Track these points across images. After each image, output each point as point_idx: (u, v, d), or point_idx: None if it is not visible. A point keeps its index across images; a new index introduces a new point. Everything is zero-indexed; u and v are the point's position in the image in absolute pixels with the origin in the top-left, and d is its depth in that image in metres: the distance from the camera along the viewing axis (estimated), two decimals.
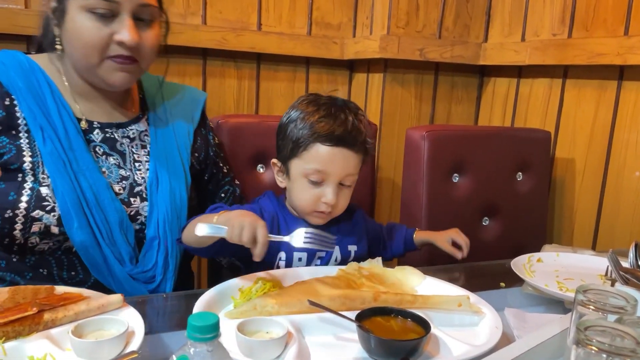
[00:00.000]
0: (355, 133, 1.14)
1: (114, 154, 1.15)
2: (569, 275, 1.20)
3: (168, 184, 1.17)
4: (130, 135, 1.19)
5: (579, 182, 1.84)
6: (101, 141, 1.15)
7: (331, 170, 1.13)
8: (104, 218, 1.08)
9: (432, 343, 0.86)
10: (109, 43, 1.04)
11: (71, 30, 1.04)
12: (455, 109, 2.17)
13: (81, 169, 1.08)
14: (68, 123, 1.10)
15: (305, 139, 1.14)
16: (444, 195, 1.64)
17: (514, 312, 1.02)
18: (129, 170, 1.16)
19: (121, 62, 1.06)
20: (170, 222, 1.15)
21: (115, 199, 1.10)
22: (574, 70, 1.83)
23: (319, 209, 1.17)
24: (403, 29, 1.95)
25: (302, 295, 0.94)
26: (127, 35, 1.03)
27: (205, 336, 0.60)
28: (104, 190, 1.09)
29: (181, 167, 1.21)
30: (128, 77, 1.10)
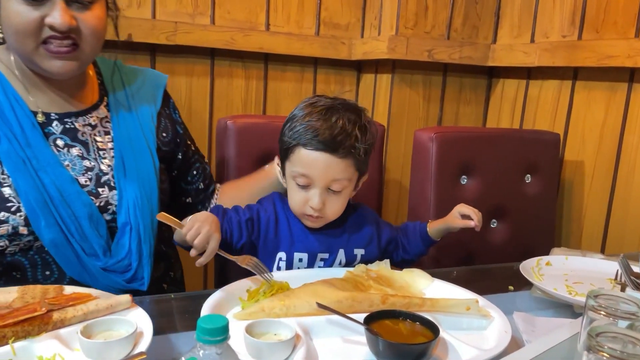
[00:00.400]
0: (341, 138, 1.10)
1: (77, 145, 1.11)
2: (578, 279, 1.19)
3: (135, 168, 1.14)
4: (91, 123, 1.15)
5: (588, 185, 1.82)
6: (61, 133, 1.10)
7: (314, 175, 1.11)
8: (71, 213, 1.05)
9: (441, 347, 0.86)
10: (41, 27, 0.99)
11: (4, 17, 1.00)
12: (463, 111, 2.16)
13: (42, 165, 1.04)
14: (23, 118, 1.05)
15: (291, 142, 1.13)
16: (452, 197, 1.63)
17: (523, 316, 1.01)
18: (93, 160, 1.12)
19: (57, 48, 1.00)
20: (141, 207, 1.12)
21: (81, 192, 1.07)
22: (583, 72, 1.82)
23: (307, 212, 1.15)
24: (411, 30, 1.95)
25: (310, 297, 0.94)
26: (58, 18, 0.97)
27: (215, 339, 0.60)
28: (69, 184, 1.06)
29: (147, 150, 1.17)
30: (69, 65, 1.04)
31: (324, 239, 1.21)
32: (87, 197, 1.08)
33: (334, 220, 1.23)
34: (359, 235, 1.24)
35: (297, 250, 1.19)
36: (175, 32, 1.76)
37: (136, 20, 1.71)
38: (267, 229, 1.20)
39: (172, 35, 1.76)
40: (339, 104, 1.15)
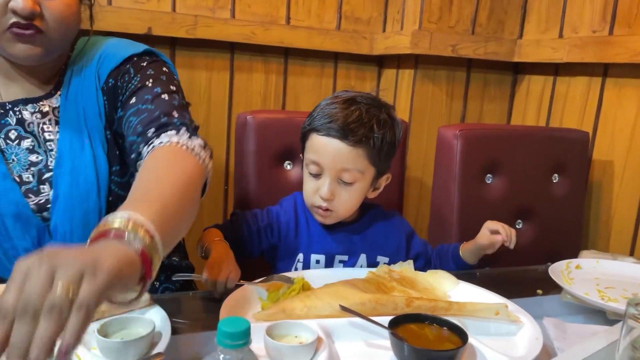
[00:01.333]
0: (354, 125, 1.07)
1: (29, 136, 1.04)
2: (610, 283, 1.15)
3: (70, 164, 1.03)
4: (42, 110, 1.05)
5: (618, 186, 1.76)
6: (16, 124, 1.04)
7: (324, 161, 1.09)
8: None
9: (468, 353, 0.82)
10: (5, 12, 0.94)
11: None
12: (487, 107, 2.11)
13: None
14: None
15: (306, 129, 1.13)
16: (477, 197, 1.59)
17: (554, 322, 0.97)
18: (43, 153, 1.04)
19: (19, 32, 0.95)
20: (71, 208, 1.01)
21: (12, 189, 1.00)
22: (614, 68, 1.75)
23: (316, 203, 1.13)
24: (435, 24, 1.90)
25: (332, 298, 0.91)
26: (20, 2, 0.92)
27: (236, 343, 0.57)
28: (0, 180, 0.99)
29: (88, 143, 1.05)
30: (33, 50, 0.97)
31: (343, 240, 1.18)
32: (17, 195, 1.00)
33: (355, 222, 1.20)
34: (384, 242, 1.20)
35: (314, 251, 1.17)
36: (195, 25, 1.74)
37: (156, 13, 1.69)
38: (287, 232, 1.18)
39: (192, 29, 1.74)
40: (363, 97, 1.13)
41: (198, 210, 0.91)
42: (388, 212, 1.26)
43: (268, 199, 1.37)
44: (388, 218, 1.24)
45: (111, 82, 1.08)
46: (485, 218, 1.58)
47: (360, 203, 1.17)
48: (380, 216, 1.23)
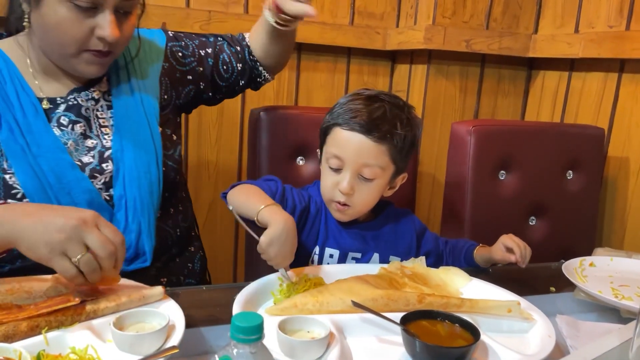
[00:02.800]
0: (378, 122, 1.08)
1: (80, 120, 1.10)
2: (624, 281, 1.14)
3: (131, 140, 1.11)
4: (94, 97, 1.13)
5: (633, 183, 1.74)
6: (65, 110, 1.09)
7: (346, 156, 1.09)
8: (70, 201, 1.03)
9: (480, 350, 0.82)
10: (89, 37, 1.00)
11: (48, 18, 0.99)
12: (501, 103, 2.09)
13: (42, 152, 1.03)
14: (27, 104, 1.05)
15: (329, 123, 1.13)
16: (490, 193, 1.58)
17: (567, 320, 0.96)
18: (95, 137, 1.11)
19: (99, 57, 1.03)
20: (137, 178, 1.09)
21: (82, 179, 1.05)
22: (631, 64, 1.73)
23: (335, 198, 1.12)
24: (449, 19, 1.89)
25: (344, 294, 0.91)
26: (108, 31, 0.99)
27: (249, 337, 0.58)
28: (68, 171, 1.04)
29: (145, 121, 1.14)
30: (101, 69, 1.07)
31: (358, 237, 1.18)
32: (87, 184, 1.06)
33: (369, 221, 1.20)
34: (396, 241, 1.20)
35: (329, 245, 1.17)
36: (209, 20, 1.74)
37: (170, 9, 1.70)
38: (315, 220, 1.18)
39: (205, 24, 1.74)
40: (386, 95, 1.14)
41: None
42: (400, 211, 1.26)
43: None
44: (400, 217, 1.24)
45: (166, 65, 1.23)
46: (498, 214, 1.59)
47: (377, 200, 1.17)
48: (393, 215, 1.23)
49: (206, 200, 1.93)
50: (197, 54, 1.28)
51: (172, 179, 1.18)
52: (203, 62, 1.29)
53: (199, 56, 1.28)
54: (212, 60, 1.30)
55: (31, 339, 0.74)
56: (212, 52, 1.30)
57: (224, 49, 1.32)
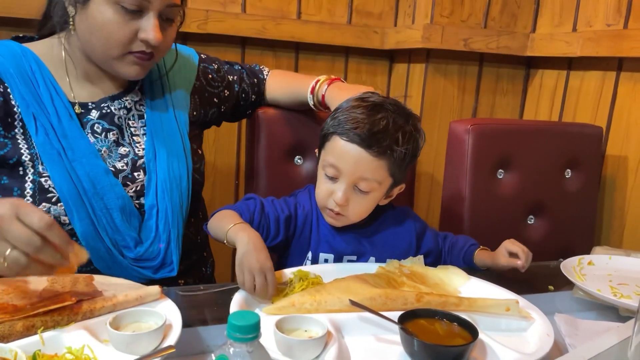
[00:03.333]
0: (380, 136, 1.04)
1: (114, 128, 1.13)
2: (623, 280, 1.14)
3: (165, 151, 1.14)
4: (127, 106, 1.16)
5: (632, 181, 1.74)
6: (98, 118, 1.12)
7: (343, 167, 1.06)
8: (103, 206, 1.06)
9: (479, 349, 0.82)
10: (132, 39, 1.03)
11: (94, 20, 1.01)
12: (499, 102, 2.09)
13: (77, 157, 1.05)
14: (61, 109, 1.07)
15: (330, 130, 1.09)
16: (488, 192, 1.57)
17: (565, 318, 0.96)
18: (127, 145, 1.14)
19: (142, 59, 1.06)
20: (170, 189, 1.12)
21: (115, 185, 1.08)
22: (629, 62, 1.73)
23: (329, 205, 1.10)
24: (447, 18, 1.89)
25: (342, 293, 0.91)
26: (152, 34, 1.02)
27: (246, 336, 0.58)
28: (103, 176, 1.07)
29: (178, 133, 1.18)
30: (143, 71, 1.09)
31: (352, 240, 1.16)
32: (120, 190, 1.08)
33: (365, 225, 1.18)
34: (394, 244, 1.18)
35: (323, 250, 1.15)
36: (206, 20, 1.74)
37: None
38: (304, 226, 1.16)
39: (203, 24, 1.74)
40: (390, 104, 1.09)
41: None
42: (399, 212, 1.23)
43: (279, 194, 1.36)
44: (399, 218, 1.21)
45: (197, 83, 1.29)
46: (496, 213, 1.59)
47: (371, 210, 1.14)
48: (391, 217, 1.21)
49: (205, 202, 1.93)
50: (226, 78, 1.36)
51: (197, 191, 1.22)
52: (230, 87, 1.37)
53: (227, 81, 1.36)
54: (238, 87, 1.38)
55: (27, 339, 0.73)
56: (237, 79, 1.38)
57: (244, 79, 1.40)
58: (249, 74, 1.41)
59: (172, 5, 1.05)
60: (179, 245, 1.14)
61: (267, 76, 1.45)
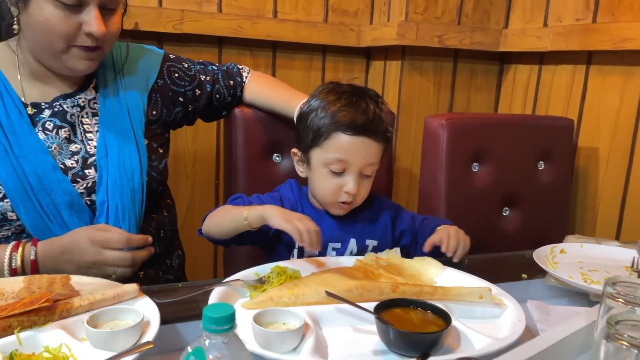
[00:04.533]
0: (376, 122, 1.13)
1: (65, 125, 1.13)
2: (594, 266, 1.17)
3: (117, 149, 1.15)
4: (80, 104, 1.16)
5: (603, 172, 1.79)
6: (50, 116, 1.12)
7: (352, 159, 1.12)
8: (50, 202, 1.07)
9: (453, 336, 0.84)
10: (76, 33, 1.04)
11: (36, 17, 1.02)
12: (474, 97, 2.13)
13: (24, 153, 1.06)
14: (10, 106, 1.08)
15: (327, 128, 1.13)
16: (464, 185, 1.60)
17: (537, 305, 0.99)
18: (79, 142, 1.14)
19: (87, 50, 1.06)
20: (120, 186, 1.13)
21: (63, 181, 1.08)
22: (598, 56, 1.77)
23: (340, 199, 1.15)
24: (421, 15, 1.91)
25: (319, 286, 0.93)
26: (95, 27, 1.03)
27: (221, 328, 0.59)
28: (50, 172, 1.07)
29: (131, 132, 1.19)
30: (92, 64, 1.10)
31: (336, 228, 1.20)
32: (68, 186, 1.09)
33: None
34: (373, 226, 1.23)
35: None
36: (182, 20, 1.74)
37: (142, 8, 1.69)
38: None
39: (179, 24, 1.74)
40: (360, 90, 1.18)
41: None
42: (375, 199, 1.28)
43: (259, 192, 1.37)
44: (374, 202, 1.27)
45: (160, 82, 1.29)
46: (472, 206, 1.62)
47: None
48: (368, 205, 1.25)
49: (184, 201, 1.93)
50: (197, 78, 1.36)
51: (154, 188, 1.22)
52: (202, 87, 1.37)
53: (198, 80, 1.36)
54: (210, 87, 1.38)
55: (3, 339, 0.73)
56: (210, 80, 1.39)
57: (219, 80, 1.40)
58: (224, 75, 1.41)
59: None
60: None
61: (247, 79, 1.45)
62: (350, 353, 0.80)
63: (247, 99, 1.46)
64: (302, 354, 0.76)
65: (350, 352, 0.81)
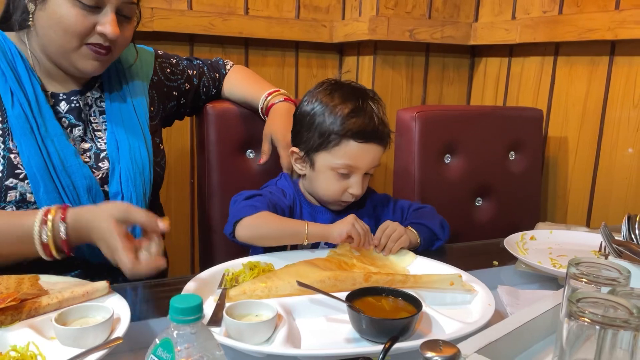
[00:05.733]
0: (382, 127, 1.16)
1: (79, 124, 1.15)
2: (563, 252, 1.19)
3: (127, 142, 1.17)
4: (88, 102, 1.19)
5: (572, 160, 1.82)
6: (67, 112, 1.14)
7: (361, 164, 1.15)
8: (70, 184, 1.08)
9: (424, 321, 0.85)
10: (90, 31, 1.06)
11: (54, 14, 1.04)
12: (447, 91, 2.15)
13: (49, 135, 1.07)
14: (39, 90, 1.10)
15: (337, 135, 1.13)
16: (437, 177, 1.62)
17: (507, 290, 1.01)
18: (90, 140, 1.16)
19: (97, 51, 1.08)
20: (133, 178, 1.15)
21: (83, 166, 1.10)
22: (565, 47, 1.81)
23: (344, 199, 1.18)
24: (392, 10, 1.93)
25: (292, 278, 0.93)
26: (109, 28, 1.05)
27: (188, 318, 0.58)
28: (72, 157, 1.09)
29: (139, 127, 1.22)
30: (100, 66, 1.12)
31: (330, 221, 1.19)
32: (88, 171, 1.10)
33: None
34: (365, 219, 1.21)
35: None
36: (152, 18, 1.72)
37: None
38: (292, 213, 1.21)
39: (148, 22, 1.72)
40: (361, 92, 1.19)
41: None
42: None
43: (233, 188, 1.37)
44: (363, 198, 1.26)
45: (155, 78, 1.32)
46: (445, 197, 1.63)
47: None
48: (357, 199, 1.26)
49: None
50: (185, 72, 1.40)
51: (157, 184, 1.25)
52: (190, 81, 1.41)
53: (187, 74, 1.40)
54: (197, 80, 1.42)
55: None
56: (197, 73, 1.43)
57: (205, 73, 1.44)
58: (209, 68, 1.45)
59: (129, 2, 1.09)
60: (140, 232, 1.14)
61: (228, 71, 1.48)
62: (323, 342, 0.81)
63: (225, 93, 1.48)
64: (274, 344, 0.77)
65: (323, 341, 0.81)
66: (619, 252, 0.88)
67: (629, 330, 0.63)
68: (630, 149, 1.66)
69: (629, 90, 1.65)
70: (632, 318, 0.62)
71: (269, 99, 1.39)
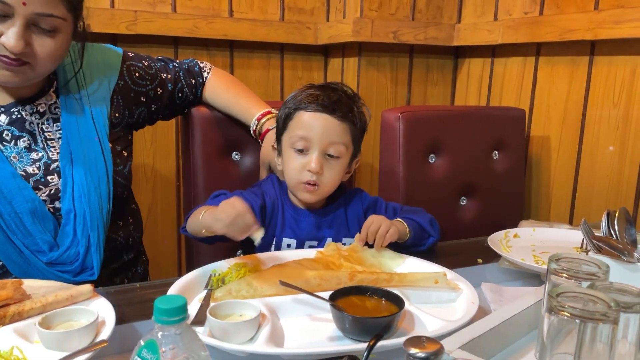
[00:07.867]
0: (339, 103, 1.16)
1: (24, 135, 1.09)
2: (545, 249, 1.21)
3: (82, 155, 1.11)
4: (39, 110, 1.12)
5: (555, 159, 1.85)
6: (8, 124, 1.08)
7: (313, 135, 1.14)
8: (11, 210, 1.03)
9: (408, 320, 0.86)
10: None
11: None
12: (431, 91, 2.17)
13: None
14: None
15: (291, 110, 1.17)
16: (421, 177, 1.63)
17: (491, 287, 1.02)
18: (41, 150, 1.10)
19: (7, 62, 0.99)
20: (87, 193, 1.10)
21: (24, 188, 1.04)
22: (546, 47, 1.84)
23: (304, 178, 1.15)
24: (376, 12, 1.94)
25: (278, 278, 0.93)
26: (11, 41, 0.96)
27: (172, 319, 0.59)
28: (9, 180, 1.03)
29: (95, 136, 1.15)
30: (16, 77, 1.02)
31: (313, 225, 1.21)
32: (30, 193, 1.05)
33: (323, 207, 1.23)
34: (348, 224, 1.24)
35: (287, 235, 1.20)
36: (135, 21, 1.72)
37: (93, 10, 1.64)
38: (272, 214, 1.21)
39: (132, 25, 1.72)
40: (337, 84, 1.21)
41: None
42: (350, 193, 1.29)
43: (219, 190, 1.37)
44: (350, 198, 1.28)
45: (121, 83, 1.24)
46: (430, 197, 1.65)
47: (340, 181, 1.21)
48: (344, 201, 1.27)
49: (145, 205, 1.90)
50: (158, 76, 1.32)
51: (119, 194, 1.19)
52: (164, 85, 1.33)
53: (160, 79, 1.32)
54: (172, 86, 1.35)
55: None
56: (172, 78, 1.35)
57: (181, 78, 1.37)
58: (185, 73, 1.38)
59: (44, 14, 0.98)
60: (99, 250, 1.12)
61: (207, 79, 1.41)
62: (307, 341, 0.81)
63: (206, 99, 1.43)
64: (257, 343, 0.77)
65: (307, 340, 0.82)
66: (599, 248, 0.89)
67: (607, 324, 0.64)
68: (611, 147, 1.68)
69: (608, 90, 1.68)
70: (610, 311, 0.64)
71: (262, 122, 1.34)
